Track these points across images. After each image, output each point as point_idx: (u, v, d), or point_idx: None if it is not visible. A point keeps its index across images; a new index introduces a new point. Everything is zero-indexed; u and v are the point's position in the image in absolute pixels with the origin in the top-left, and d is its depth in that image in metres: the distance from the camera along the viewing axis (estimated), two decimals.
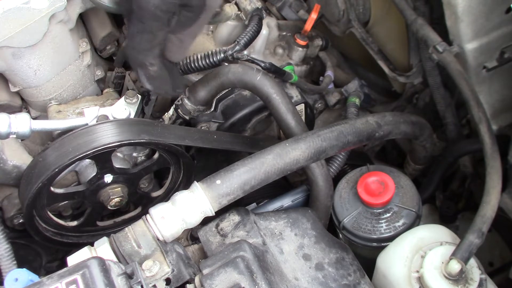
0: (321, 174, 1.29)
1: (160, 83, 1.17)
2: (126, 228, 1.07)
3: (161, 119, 1.42)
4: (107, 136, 1.14)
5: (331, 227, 1.34)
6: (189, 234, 1.37)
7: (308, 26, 1.56)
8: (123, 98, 1.28)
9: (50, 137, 1.37)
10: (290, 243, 1.17)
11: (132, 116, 1.27)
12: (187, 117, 1.40)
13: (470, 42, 1.28)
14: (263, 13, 1.50)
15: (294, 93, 1.48)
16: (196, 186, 1.08)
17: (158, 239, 1.06)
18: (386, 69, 1.56)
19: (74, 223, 1.32)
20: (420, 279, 1.08)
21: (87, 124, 1.22)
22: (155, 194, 1.37)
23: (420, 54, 1.47)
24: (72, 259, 1.03)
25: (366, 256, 1.26)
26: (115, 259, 1.03)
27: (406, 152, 1.67)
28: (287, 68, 1.47)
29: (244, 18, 1.50)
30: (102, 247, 1.05)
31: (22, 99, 1.44)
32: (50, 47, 1.31)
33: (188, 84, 1.42)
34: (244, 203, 1.34)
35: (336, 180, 1.40)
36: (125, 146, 1.19)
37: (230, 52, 1.41)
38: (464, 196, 1.71)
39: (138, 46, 1.08)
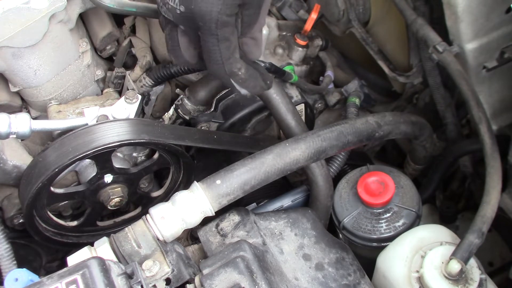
0: (321, 174, 1.29)
1: (253, 83, 1.15)
2: (126, 228, 1.07)
3: (161, 119, 1.42)
4: (107, 136, 1.14)
5: (331, 227, 1.34)
6: (189, 234, 1.37)
7: (308, 26, 1.56)
8: (123, 98, 1.28)
9: (50, 137, 1.37)
10: (290, 243, 1.17)
11: (132, 116, 1.27)
12: (187, 117, 1.40)
13: (470, 42, 1.28)
14: None
15: (294, 93, 1.48)
16: (196, 186, 1.08)
17: (158, 239, 1.06)
18: (386, 69, 1.56)
19: (74, 223, 1.32)
20: (420, 279, 1.08)
21: (87, 124, 1.22)
22: (155, 194, 1.37)
23: (420, 54, 1.47)
24: (72, 259, 1.03)
25: (366, 256, 1.26)
26: (115, 259, 1.03)
27: (406, 152, 1.67)
28: (287, 68, 1.47)
29: None
30: (102, 247, 1.05)
31: (22, 99, 1.44)
32: (50, 47, 1.31)
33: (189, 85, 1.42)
34: (244, 203, 1.34)
35: (336, 180, 1.40)
36: (125, 146, 1.19)
37: None
38: (464, 196, 1.71)
39: (220, 58, 1.06)
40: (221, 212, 1.16)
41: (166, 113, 1.42)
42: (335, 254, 1.16)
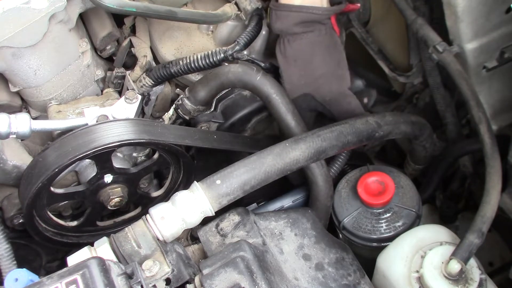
0: (321, 174, 1.29)
1: None
2: (126, 228, 1.07)
3: (161, 119, 1.42)
4: (107, 136, 1.14)
5: (331, 227, 1.34)
6: (189, 234, 1.37)
7: None
8: (123, 98, 1.28)
9: (50, 137, 1.37)
10: (290, 243, 1.17)
11: (132, 116, 1.27)
12: (187, 117, 1.40)
13: (470, 42, 1.28)
14: (263, 13, 1.50)
15: None
16: (196, 186, 1.08)
17: (158, 239, 1.06)
18: (386, 69, 1.56)
19: (74, 223, 1.32)
20: (420, 279, 1.08)
21: (87, 124, 1.22)
22: (155, 194, 1.37)
23: (420, 54, 1.47)
24: (72, 259, 1.03)
25: (366, 256, 1.26)
26: (115, 259, 1.03)
27: (406, 152, 1.67)
28: None
29: (244, 18, 1.50)
30: (102, 247, 1.05)
31: (22, 99, 1.44)
32: (50, 47, 1.31)
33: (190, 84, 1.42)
34: (244, 203, 1.34)
35: (336, 180, 1.40)
36: (125, 146, 1.19)
37: (230, 52, 1.41)
38: (464, 196, 1.70)
39: None
40: (221, 212, 1.16)
41: (166, 113, 1.42)
42: (335, 254, 1.16)
